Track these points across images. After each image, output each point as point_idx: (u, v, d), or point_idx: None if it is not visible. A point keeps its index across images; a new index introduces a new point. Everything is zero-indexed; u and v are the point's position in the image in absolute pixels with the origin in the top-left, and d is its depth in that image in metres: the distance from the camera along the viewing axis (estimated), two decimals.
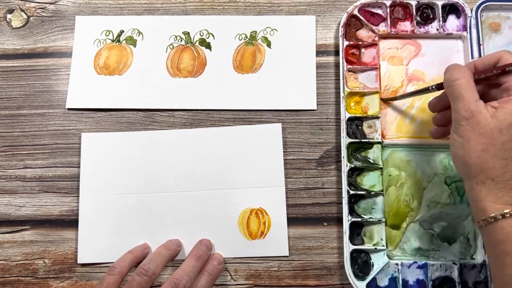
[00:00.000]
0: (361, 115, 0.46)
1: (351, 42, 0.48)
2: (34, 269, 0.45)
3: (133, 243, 0.45)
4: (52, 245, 0.46)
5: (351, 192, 0.44)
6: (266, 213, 0.46)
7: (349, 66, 0.48)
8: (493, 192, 0.32)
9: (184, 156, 0.47)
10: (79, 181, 0.47)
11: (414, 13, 0.49)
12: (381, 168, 0.45)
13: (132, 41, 0.50)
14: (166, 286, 0.39)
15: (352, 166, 0.45)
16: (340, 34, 0.48)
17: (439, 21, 0.49)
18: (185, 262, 0.42)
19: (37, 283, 0.45)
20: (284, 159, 0.47)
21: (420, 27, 0.49)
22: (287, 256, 0.45)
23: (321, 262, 0.45)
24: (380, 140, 0.46)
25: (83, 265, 0.45)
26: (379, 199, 0.45)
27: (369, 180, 0.45)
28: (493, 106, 0.33)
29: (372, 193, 0.45)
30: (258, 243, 0.45)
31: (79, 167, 0.47)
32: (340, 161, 0.46)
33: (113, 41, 0.50)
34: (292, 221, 0.46)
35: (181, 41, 0.50)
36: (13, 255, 0.46)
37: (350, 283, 0.42)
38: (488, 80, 0.36)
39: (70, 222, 0.46)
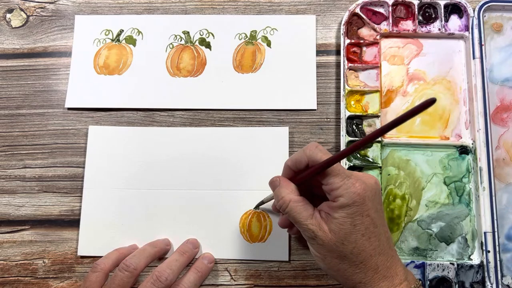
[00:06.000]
0: (361, 114, 0.46)
1: (353, 40, 0.48)
2: (34, 269, 0.45)
3: (133, 238, 0.45)
4: (52, 245, 0.46)
5: None
6: (268, 217, 0.45)
7: (350, 64, 0.47)
8: None
9: (190, 155, 0.47)
10: (79, 180, 0.47)
11: (416, 13, 0.48)
12: (380, 167, 0.45)
13: (131, 41, 0.50)
14: (148, 279, 0.39)
15: (351, 164, 0.45)
16: (341, 32, 0.48)
17: (441, 21, 0.48)
18: (170, 257, 0.42)
19: (37, 283, 0.45)
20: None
21: (422, 27, 0.49)
22: None
23: None
24: (379, 139, 0.46)
25: (83, 257, 0.45)
26: None
27: None
28: (327, 213, 0.33)
29: None
30: (258, 246, 0.45)
31: (79, 166, 0.47)
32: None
33: (112, 40, 0.50)
34: None
35: (181, 40, 0.50)
36: (12, 255, 0.46)
37: None
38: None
39: (70, 222, 0.46)
